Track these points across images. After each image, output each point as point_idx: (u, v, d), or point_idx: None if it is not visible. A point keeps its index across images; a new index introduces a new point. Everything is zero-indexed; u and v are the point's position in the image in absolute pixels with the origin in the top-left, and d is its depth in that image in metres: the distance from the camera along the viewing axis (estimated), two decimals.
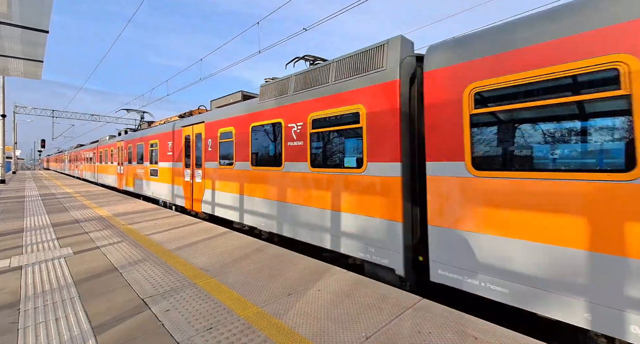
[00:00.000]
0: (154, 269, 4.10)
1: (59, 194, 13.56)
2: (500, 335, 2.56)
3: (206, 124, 8.36)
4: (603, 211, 2.50)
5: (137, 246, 5.21)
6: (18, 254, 4.76)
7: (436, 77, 3.54)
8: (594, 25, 2.57)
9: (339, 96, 4.75)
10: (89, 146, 23.99)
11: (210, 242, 5.39)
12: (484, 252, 3.10)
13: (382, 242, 4.05)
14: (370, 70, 4.29)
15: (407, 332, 2.61)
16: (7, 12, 5.31)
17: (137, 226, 6.74)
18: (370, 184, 4.23)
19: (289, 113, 5.63)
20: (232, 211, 7.22)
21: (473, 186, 3.20)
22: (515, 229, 2.92)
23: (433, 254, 3.51)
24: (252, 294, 3.34)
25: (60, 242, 5.40)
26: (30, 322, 2.76)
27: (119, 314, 2.88)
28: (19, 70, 8.46)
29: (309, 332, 2.61)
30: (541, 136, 2.88)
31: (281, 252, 4.82)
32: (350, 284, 3.61)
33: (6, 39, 6.33)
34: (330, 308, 3.03)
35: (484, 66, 3.17)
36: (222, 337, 2.53)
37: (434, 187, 3.52)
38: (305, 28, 9.29)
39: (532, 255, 2.83)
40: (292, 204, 5.49)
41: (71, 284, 3.60)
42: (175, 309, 2.99)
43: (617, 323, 2.42)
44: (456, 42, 3.51)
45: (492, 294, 3.05)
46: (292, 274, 3.93)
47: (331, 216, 4.79)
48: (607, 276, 2.46)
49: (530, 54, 2.89)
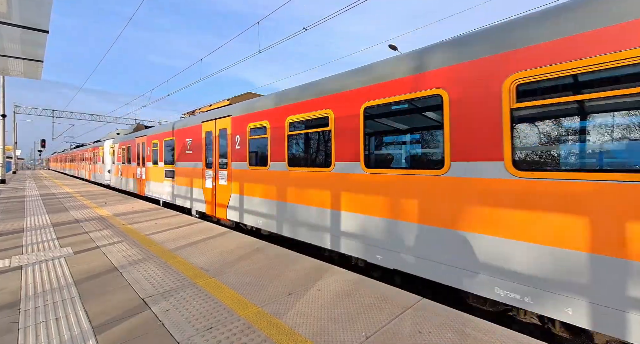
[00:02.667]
0: (154, 269, 4.10)
1: (59, 194, 13.56)
2: (500, 335, 2.56)
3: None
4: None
5: (137, 245, 5.21)
6: (18, 254, 4.76)
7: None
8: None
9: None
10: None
11: (211, 242, 5.39)
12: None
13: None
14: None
15: (407, 332, 2.61)
16: (7, 12, 5.31)
17: (137, 226, 6.74)
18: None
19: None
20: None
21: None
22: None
23: None
24: (252, 294, 3.34)
25: (61, 242, 5.40)
26: (31, 322, 2.76)
27: (119, 314, 2.88)
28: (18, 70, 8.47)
29: (309, 332, 2.62)
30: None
31: (281, 252, 4.82)
32: (350, 284, 3.61)
33: (6, 39, 6.33)
34: (330, 308, 3.03)
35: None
36: (222, 337, 2.53)
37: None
38: (305, 28, 9.28)
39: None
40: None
41: (71, 284, 3.60)
42: (176, 308, 3.00)
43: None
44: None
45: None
46: (292, 274, 3.93)
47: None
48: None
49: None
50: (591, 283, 2.56)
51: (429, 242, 3.56)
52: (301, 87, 5.59)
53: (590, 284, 2.56)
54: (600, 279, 2.51)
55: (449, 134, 3.46)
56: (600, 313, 2.51)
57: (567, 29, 2.71)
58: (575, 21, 2.68)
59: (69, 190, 15.30)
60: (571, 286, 2.64)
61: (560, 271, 2.70)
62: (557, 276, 2.71)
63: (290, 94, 5.72)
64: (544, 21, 2.87)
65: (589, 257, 2.56)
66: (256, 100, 6.74)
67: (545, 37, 2.82)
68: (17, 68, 8.30)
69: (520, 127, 3.00)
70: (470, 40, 3.42)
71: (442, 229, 3.46)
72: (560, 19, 2.77)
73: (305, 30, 9.36)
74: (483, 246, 3.15)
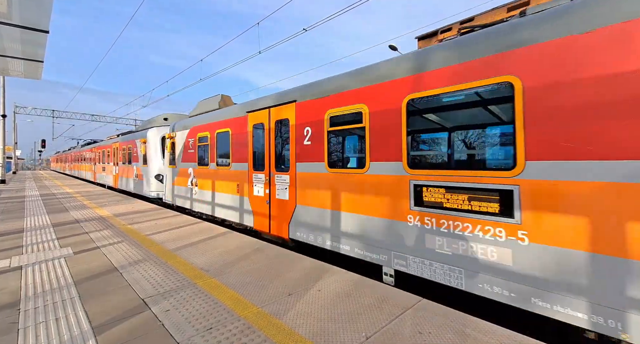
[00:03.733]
0: (154, 269, 4.10)
1: (59, 194, 13.56)
2: (500, 335, 2.56)
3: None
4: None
5: (137, 246, 5.20)
6: (18, 254, 4.76)
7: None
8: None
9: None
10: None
11: (211, 242, 5.39)
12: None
13: None
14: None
15: (407, 332, 2.61)
16: (7, 12, 5.31)
17: (137, 226, 6.74)
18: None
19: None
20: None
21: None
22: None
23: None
24: (252, 294, 3.34)
25: (61, 243, 5.40)
26: (31, 322, 2.76)
27: (119, 314, 2.88)
28: (19, 70, 8.47)
29: (309, 332, 2.61)
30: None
31: (281, 253, 4.82)
32: (350, 284, 3.61)
33: (6, 39, 6.33)
34: (330, 308, 3.02)
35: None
36: (222, 337, 2.53)
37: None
38: (305, 28, 9.29)
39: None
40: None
41: (71, 284, 3.60)
42: (176, 309, 2.99)
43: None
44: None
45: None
46: (292, 274, 3.93)
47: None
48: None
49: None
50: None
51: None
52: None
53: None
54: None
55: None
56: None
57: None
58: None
59: (68, 190, 15.30)
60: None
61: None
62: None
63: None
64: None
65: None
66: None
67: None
68: (17, 68, 8.30)
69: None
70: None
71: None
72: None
73: (305, 31, 9.37)
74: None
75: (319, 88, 5.16)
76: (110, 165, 18.35)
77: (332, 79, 5.04)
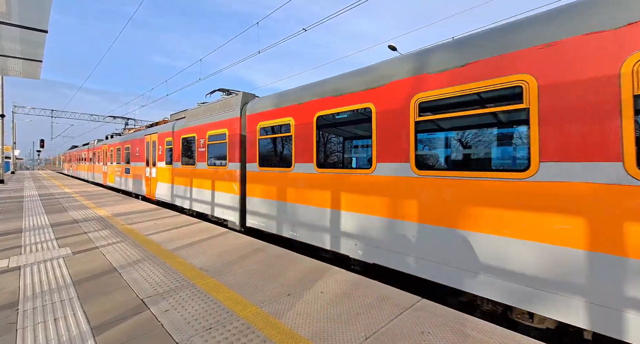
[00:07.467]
0: (153, 269, 4.09)
1: (57, 194, 13.53)
2: (500, 335, 2.56)
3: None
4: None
5: (136, 246, 5.19)
6: (17, 254, 4.74)
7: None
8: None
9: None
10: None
11: (210, 242, 5.39)
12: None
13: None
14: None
15: (407, 332, 2.61)
16: (6, 12, 5.30)
17: (137, 226, 6.72)
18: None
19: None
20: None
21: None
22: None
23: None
24: (252, 294, 3.33)
25: (59, 243, 5.39)
26: (29, 322, 2.75)
27: (118, 315, 2.87)
28: (17, 70, 8.45)
29: (309, 332, 2.61)
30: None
31: (281, 253, 4.82)
32: (349, 284, 3.61)
33: (5, 38, 6.32)
34: (330, 308, 3.02)
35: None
36: (221, 337, 2.52)
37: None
38: (305, 28, 9.29)
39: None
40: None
41: (70, 284, 3.59)
42: (175, 309, 2.99)
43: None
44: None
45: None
46: (291, 274, 3.93)
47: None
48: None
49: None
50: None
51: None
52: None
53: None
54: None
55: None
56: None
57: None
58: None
59: (67, 190, 15.26)
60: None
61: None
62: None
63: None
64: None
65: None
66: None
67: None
68: (16, 68, 8.29)
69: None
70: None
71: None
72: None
73: (304, 31, 9.36)
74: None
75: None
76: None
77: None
